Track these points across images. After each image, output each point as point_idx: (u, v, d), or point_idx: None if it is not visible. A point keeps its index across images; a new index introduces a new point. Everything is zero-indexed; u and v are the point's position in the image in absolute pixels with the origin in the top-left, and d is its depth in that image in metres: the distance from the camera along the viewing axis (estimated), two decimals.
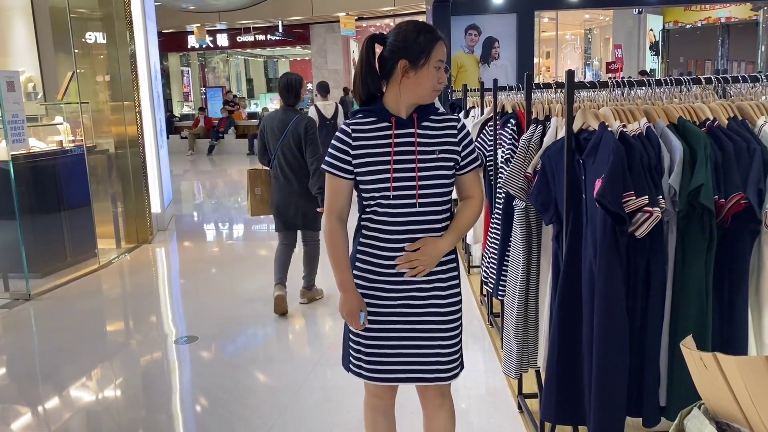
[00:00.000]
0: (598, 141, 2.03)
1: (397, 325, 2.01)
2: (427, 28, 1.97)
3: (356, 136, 1.97)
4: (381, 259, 1.99)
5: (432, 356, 2.03)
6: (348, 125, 2.00)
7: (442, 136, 1.98)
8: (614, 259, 1.98)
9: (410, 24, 1.97)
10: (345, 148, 1.97)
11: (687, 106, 2.13)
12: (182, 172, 14.07)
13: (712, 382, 1.37)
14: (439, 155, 1.96)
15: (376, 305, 2.01)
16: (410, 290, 2.00)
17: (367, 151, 1.95)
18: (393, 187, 1.93)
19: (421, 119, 1.97)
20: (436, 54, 1.92)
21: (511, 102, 3.50)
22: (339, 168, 1.98)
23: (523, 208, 2.52)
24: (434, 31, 1.97)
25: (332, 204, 2.02)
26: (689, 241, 1.98)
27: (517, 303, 2.57)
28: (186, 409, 3.40)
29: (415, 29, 1.94)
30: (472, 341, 4.00)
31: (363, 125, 1.98)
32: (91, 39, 6.60)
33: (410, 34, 1.93)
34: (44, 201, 5.50)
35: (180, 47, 20.30)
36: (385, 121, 1.97)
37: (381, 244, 1.98)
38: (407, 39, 1.92)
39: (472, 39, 8.34)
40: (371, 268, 2.01)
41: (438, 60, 1.92)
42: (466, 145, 2.02)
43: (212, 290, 5.40)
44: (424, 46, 1.91)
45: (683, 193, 1.92)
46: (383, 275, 1.99)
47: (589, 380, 2.11)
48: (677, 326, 2.03)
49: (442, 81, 1.97)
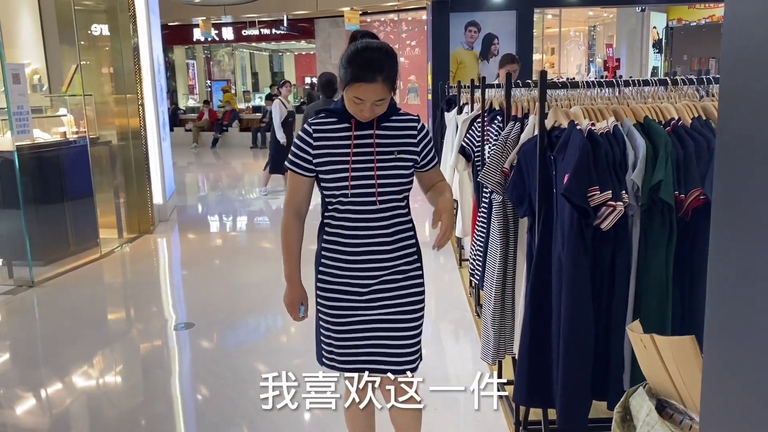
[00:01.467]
0: (567, 138, 2.15)
1: (366, 317, 2.09)
2: (360, 61, 1.90)
3: (317, 136, 2.04)
4: (345, 255, 2.05)
5: (397, 347, 2.12)
6: (310, 125, 2.07)
7: (402, 137, 2.04)
8: (580, 250, 2.09)
9: (353, 48, 1.94)
10: (305, 147, 2.04)
11: (654, 106, 2.24)
12: (186, 164, 14.20)
13: (652, 362, 1.49)
14: (398, 155, 2.03)
15: (345, 300, 2.09)
16: (376, 284, 2.07)
17: (327, 151, 2.02)
18: (351, 185, 1.99)
19: (381, 120, 2.02)
20: (351, 91, 1.91)
21: (499, 100, 3.60)
22: (299, 166, 2.06)
23: (500, 202, 2.64)
24: (363, 70, 1.89)
25: (291, 199, 2.11)
26: (651, 234, 2.10)
27: (494, 292, 2.69)
28: (185, 396, 3.50)
29: (350, 57, 1.93)
30: (462, 332, 4.11)
31: (324, 125, 2.05)
32: (96, 31, 6.72)
33: (346, 57, 1.94)
34: (48, 191, 5.63)
35: (185, 40, 20.39)
36: (345, 122, 2.03)
37: (344, 240, 2.04)
38: (342, 59, 1.95)
39: (472, 35, 8.43)
40: (336, 264, 2.07)
41: (354, 97, 1.92)
42: (425, 145, 2.10)
43: (213, 280, 5.52)
44: (345, 77, 1.92)
45: (645, 189, 2.04)
46: (349, 270, 2.06)
47: (557, 363, 2.23)
48: (640, 314, 2.14)
49: (363, 117, 1.97)
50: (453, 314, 4.45)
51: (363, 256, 2.04)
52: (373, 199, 2.01)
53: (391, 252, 2.05)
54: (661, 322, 2.08)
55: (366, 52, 1.91)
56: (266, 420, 3.06)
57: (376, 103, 1.93)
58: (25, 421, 3.25)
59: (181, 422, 3.24)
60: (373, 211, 2.02)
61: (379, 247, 2.04)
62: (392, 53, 1.95)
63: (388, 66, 1.91)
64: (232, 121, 17.17)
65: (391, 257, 2.06)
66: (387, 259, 2.05)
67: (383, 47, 1.95)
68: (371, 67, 1.89)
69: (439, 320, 4.48)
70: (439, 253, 6.04)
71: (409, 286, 2.12)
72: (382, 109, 1.98)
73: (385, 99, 1.94)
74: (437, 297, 4.99)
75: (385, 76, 1.90)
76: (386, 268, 2.06)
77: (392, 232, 2.05)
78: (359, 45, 1.95)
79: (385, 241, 2.04)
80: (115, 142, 6.74)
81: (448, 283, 5.18)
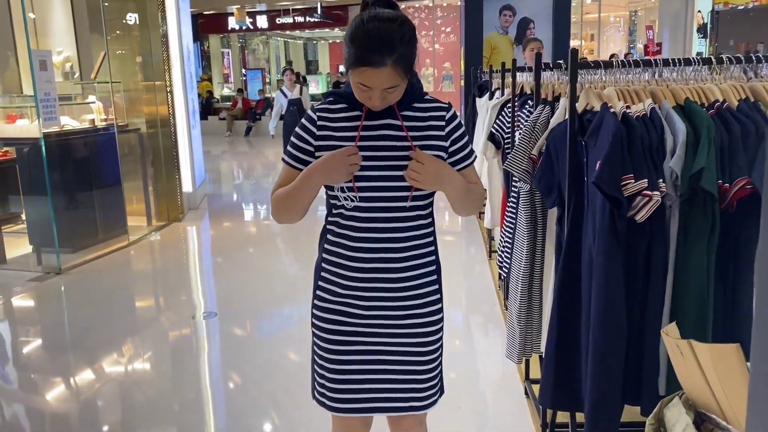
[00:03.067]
0: (599, 122, 1.98)
1: (368, 347, 1.72)
2: (365, 38, 1.51)
3: (321, 125, 1.68)
4: (348, 270, 1.69)
5: (407, 383, 1.75)
6: (315, 111, 1.71)
7: (425, 128, 1.66)
8: (613, 243, 1.93)
9: (358, 20, 1.55)
10: (306, 137, 1.68)
11: (696, 87, 2.06)
12: (220, 153, 14.30)
13: (689, 371, 1.34)
14: (415, 148, 1.64)
15: (345, 323, 1.72)
16: (385, 307, 1.69)
17: (332, 143, 1.66)
18: (357, 186, 1.62)
19: (401, 107, 1.65)
20: (356, 76, 1.55)
21: (530, 84, 3.43)
22: (296, 158, 1.69)
23: (528, 191, 2.48)
24: (368, 50, 1.51)
25: (277, 185, 1.74)
26: (691, 227, 1.92)
27: (521, 286, 2.54)
28: (215, 383, 3.46)
29: (353, 33, 1.54)
30: (491, 326, 3.98)
31: (330, 112, 1.69)
32: (126, 20, 6.71)
33: (349, 33, 1.56)
34: (76, 178, 5.64)
35: (221, 29, 20.53)
36: (356, 110, 1.67)
37: (348, 252, 1.68)
38: (346, 36, 1.57)
39: (507, 19, 8.19)
40: (337, 280, 1.71)
41: (359, 83, 1.56)
42: (457, 138, 1.69)
43: (242, 268, 5.47)
44: (348, 59, 1.55)
45: (685, 177, 1.86)
46: (353, 289, 1.69)
47: (586, 365, 2.07)
48: (677, 314, 1.97)
49: (372, 106, 1.61)
50: (483, 307, 4.33)
51: (369, 273, 1.67)
52: (384, 205, 1.65)
53: (404, 271, 1.68)
54: (701, 324, 1.91)
55: (372, 27, 1.51)
56: (298, 408, 3.00)
57: (388, 90, 1.55)
58: (55, 406, 3.25)
59: (210, 409, 3.22)
60: (384, 219, 1.65)
61: (390, 264, 1.67)
62: (407, 27, 1.55)
63: (402, 45, 1.52)
64: (265, 109, 17.19)
65: (403, 277, 1.68)
66: (399, 279, 1.68)
67: (397, 18, 1.54)
68: (379, 48, 1.50)
69: (469, 312, 4.39)
70: (469, 243, 5.91)
71: (425, 314, 1.73)
72: (396, 96, 1.60)
73: (398, 86, 1.57)
74: (468, 288, 4.91)
75: (397, 58, 1.51)
76: (397, 290, 1.69)
77: (406, 246, 1.67)
78: (366, 16, 1.54)
79: (397, 257, 1.67)
80: (144, 130, 6.74)
81: (479, 274, 5.04)
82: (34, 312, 4.66)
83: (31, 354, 3.96)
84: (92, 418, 3.14)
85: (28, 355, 3.93)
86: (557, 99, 2.53)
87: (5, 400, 3.33)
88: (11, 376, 3.64)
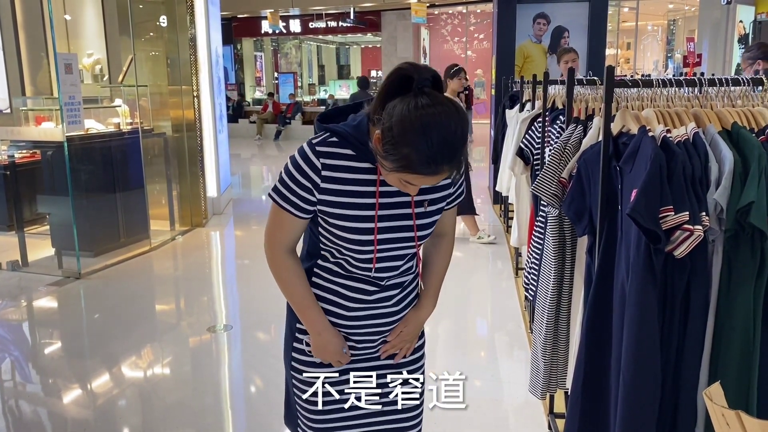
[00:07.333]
0: (636, 147, 1.81)
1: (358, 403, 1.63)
2: (428, 152, 1.28)
3: (326, 175, 1.43)
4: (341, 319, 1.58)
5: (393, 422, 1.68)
6: (315, 151, 1.43)
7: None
8: (648, 280, 1.76)
9: (419, 122, 1.27)
10: (306, 184, 1.44)
11: (745, 110, 1.87)
12: (249, 156, 14.35)
13: None
14: (428, 207, 1.52)
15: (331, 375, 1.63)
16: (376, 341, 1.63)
17: (342, 200, 1.45)
18: (377, 255, 1.49)
19: None
20: (400, 174, 1.35)
21: (562, 98, 3.26)
22: (294, 205, 1.47)
23: (556, 216, 2.32)
24: (428, 164, 1.30)
25: (278, 236, 1.56)
26: (736, 266, 1.74)
27: (546, 319, 2.37)
28: (234, 389, 3.43)
29: (410, 133, 1.28)
30: (516, 348, 3.82)
31: (335, 158, 1.43)
32: (154, 23, 6.69)
33: (401, 128, 1.28)
34: (99, 182, 5.62)
35: (254, 32, 20.60)
36: (366, 161, 1.44)
37: (339, 311, 1.57)
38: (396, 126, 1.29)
39: (541, 28, 7.98)
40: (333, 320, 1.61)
41: (404, 181, 1.36)
42: (458, 180, 1.54)
43: (264, 275, 5.36)
44: (398, 160, 1.31)
45: (731, 211, 1.68)
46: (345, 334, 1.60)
47: (615, 409, 1.90)
48: (718, 361, 1.79)
49: (409, 191, 1.42)
50: (508, 326, 4.19)
51: (362, 329, 1.59)
52: (393, 264, 1.53)
53: (399, 312, 1.62)
54: (744, 375, 1.72)
55: (436, 137, 1.27)
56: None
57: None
58: (72, 410, 3.23)
59: (229, 414, 3.18)
60: (388, 269, 1.54)
61: (385, 319, 1.59)
62: (465, 123, 1.34)
63: (463, 151, 1.34)
64: (295, 113, 17.19)
65: (398, 319, 1.62)
66: (394, 321, 1.61)
67: (461, 123, 1.31)
68: (441, 160, 1.30)
69: (494, 330, 4.27)
70: (496, 258, 5.73)
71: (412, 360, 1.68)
72: None
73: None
74: (493, 304, 4.80)
75: (455, 165, 1.34)
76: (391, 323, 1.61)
77: (405, 305, 1.63)
78: (425, 115, 1.27)
79: (394, 311, 1.60)
80: (169, 134, 6.71)
81: (505, 291, 4.88)
82: (49, 315, 4.62)
83: (48, 358, 3.91)
84: (109, 423, 3.10)
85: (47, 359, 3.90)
86: (590, 118, 2.36)
87: (24, 403, 3.33)
88: (29, 379, 3.64)
